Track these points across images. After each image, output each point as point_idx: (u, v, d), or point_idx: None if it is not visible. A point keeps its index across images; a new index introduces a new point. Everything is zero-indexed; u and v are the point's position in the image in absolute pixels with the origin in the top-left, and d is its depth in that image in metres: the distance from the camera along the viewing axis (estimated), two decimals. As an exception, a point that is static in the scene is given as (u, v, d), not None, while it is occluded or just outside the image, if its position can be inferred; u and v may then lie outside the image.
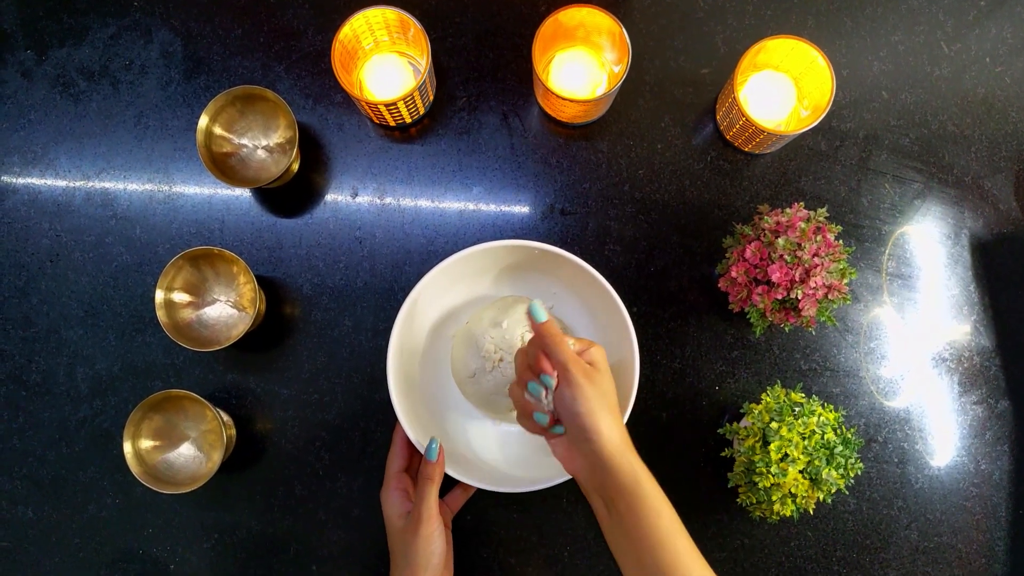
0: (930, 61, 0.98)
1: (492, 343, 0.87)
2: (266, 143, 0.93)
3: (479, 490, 0.87)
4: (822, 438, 0.82)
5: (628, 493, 0.68)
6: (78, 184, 0.96)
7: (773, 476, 0.81)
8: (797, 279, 0.83)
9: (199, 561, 0.93)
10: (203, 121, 0.88)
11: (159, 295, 0.87)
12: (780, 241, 0.83)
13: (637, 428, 0.93)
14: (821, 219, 0.85)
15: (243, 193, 0.96)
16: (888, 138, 0.97)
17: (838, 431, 0.84)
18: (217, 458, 0.87)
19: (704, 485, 0.94)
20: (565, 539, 0.93)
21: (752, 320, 0.88)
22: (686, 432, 0.94)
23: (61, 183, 0.96)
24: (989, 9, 0.99)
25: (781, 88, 0.92)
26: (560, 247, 0.85)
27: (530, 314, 0.73)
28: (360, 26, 0.88)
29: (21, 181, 0.96)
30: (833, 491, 0.82)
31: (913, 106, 0.97)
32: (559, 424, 0.72)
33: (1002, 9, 0.98)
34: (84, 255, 0.95)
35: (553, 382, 0.71)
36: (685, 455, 0.94)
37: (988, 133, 0.97)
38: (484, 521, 0.93)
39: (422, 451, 0.81)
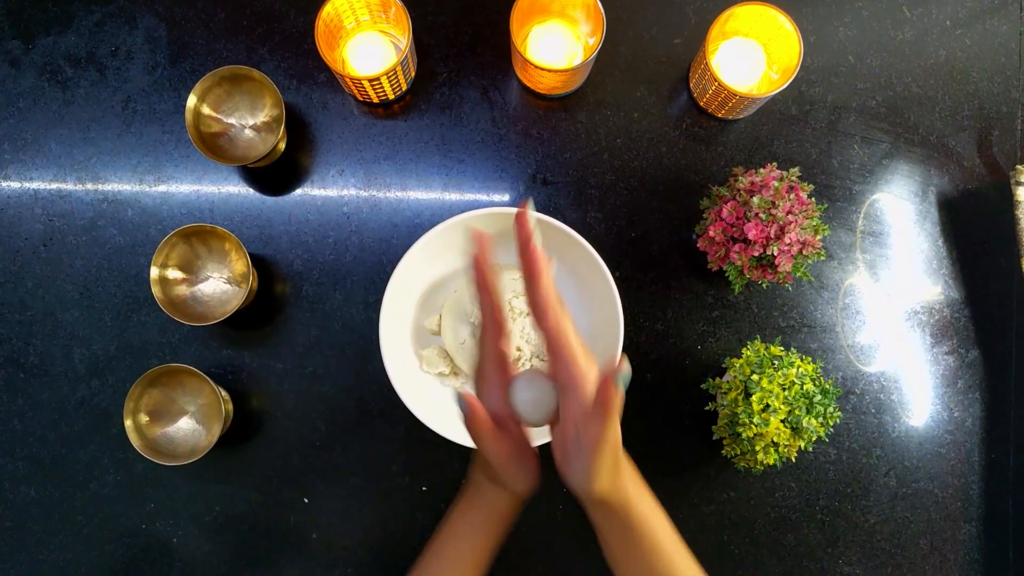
0: (893, 26, 1.01)
1: (480, 309, 0.89)
2: (253, 122, 0.95)
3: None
4: (801, 388, 0.86)
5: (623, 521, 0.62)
6: (69, 169, 0.97)
7: (756, 426, 0.84)
8: (772, 236, 0.86)
9: (201, 533, 0.95)
10: (191, 101, 0.90)
11: (154, 272, 0.89)
12: (755, 200, 0.86)
13: (623, 388, 0.96)
14: (793, 178, 0.89)
15: (232, 173, 0.98)
16: (855, 101, 1.00)
17: (816, 382, 0.87)
18: (216, 430, 0.89)
19: (690, 442, 0.97)
20: (555, 500, 0.96)
21: (731, 278, 0.91)
22: (671, 391, 0.97)
23: (52, 169, 0.97)
24: (948, -25, 1.02)
25: (751, 54, 0.95)
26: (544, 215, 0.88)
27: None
28: (342, 5, 0.90)
29: (12, 168, 0.97)
30: (814, 439, 0.86)
31: (879, 69, 1.01)
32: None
33: (960, -26, 1.02)
34: (77, 238, 0.97)
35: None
36: (670, 414, 0.97)
37: (951, 94, 1.01)
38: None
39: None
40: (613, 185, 0.99)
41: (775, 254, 0.86)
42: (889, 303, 0.99)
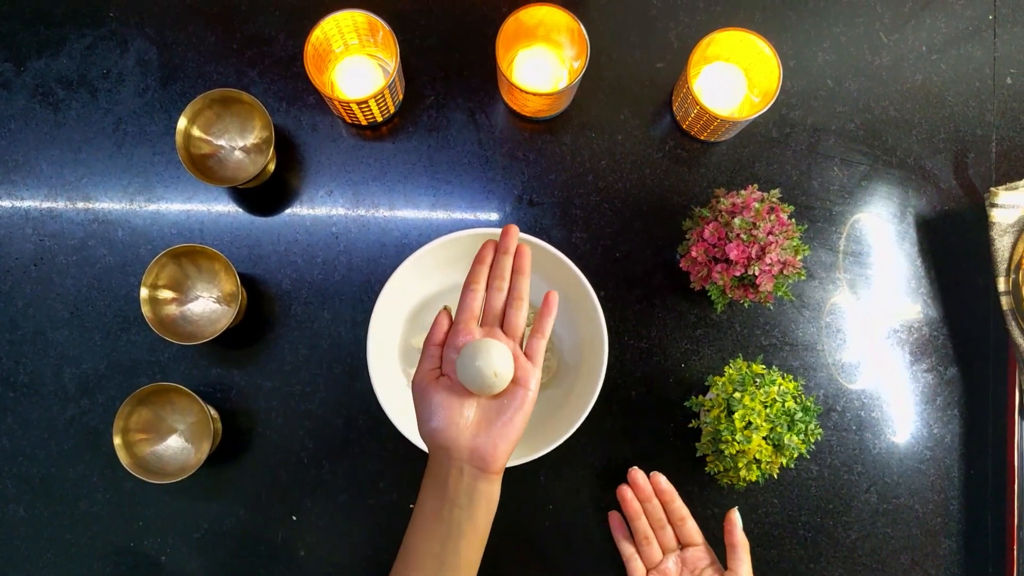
0: (871, 51, 1.04)
1: (467, 328, 0.90)
2: (243, 144, 0.97)
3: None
4: (783, 406, 0.87)
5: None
6: (60, 190, 0.99)
7: (738, 443, 0.86)
8: (753, 256, 0.88)
9: (190, 551, 0.95)
10: (182, 123, 0.91)
11: (144, 292, 0.90)
12: (736, 221, 0.88)
13: (609, 406, 0.97)
14: (774, 200, 0.91)
15: (221, 194, 0.99)
16: (835, 124, 1.02)
17: (798, 399, 0.88)
18: (205, 448, 0.90)
19: (674, 459, 0.98)
20: (544, 515, 0.97)
21: (713, 297, 0.93)
22: (655, 409, 0.99)
23: (43, 189, 0.98)
24: (924, 1, 1.05)
25: (732, 78, 0.97)
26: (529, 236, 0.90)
27: None
28: (331, 29, 0.92)
29: (3, 188, 0.98)
30: (795, 456, 0.87)
31: (857, 93, 1.03)
32: None
33: (936, 1, 1.05)
34: (67, 258, 0.98)
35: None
36: (655, 431, 0.99)
37: (927, 117, 1.03)
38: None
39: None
40: (598, 206, 1.00)
41: (756, 274, 0.88)
42: (869, 322, 1.01)
